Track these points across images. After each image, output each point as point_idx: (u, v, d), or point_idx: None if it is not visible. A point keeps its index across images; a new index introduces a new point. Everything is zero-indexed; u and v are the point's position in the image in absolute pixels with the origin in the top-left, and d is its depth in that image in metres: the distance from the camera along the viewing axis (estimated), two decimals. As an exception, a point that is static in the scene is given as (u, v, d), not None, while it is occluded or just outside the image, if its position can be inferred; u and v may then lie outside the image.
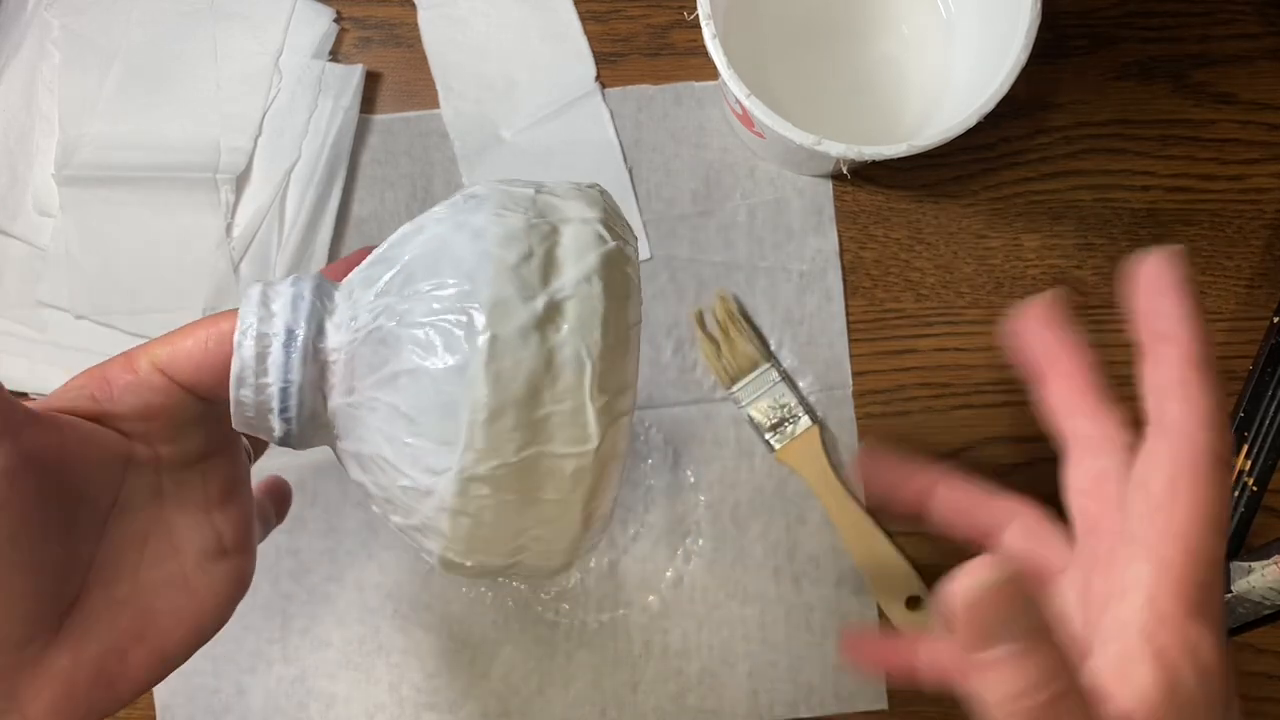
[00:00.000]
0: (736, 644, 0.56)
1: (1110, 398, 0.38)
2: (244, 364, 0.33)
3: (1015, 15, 0.49)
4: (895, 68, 0.56)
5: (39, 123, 0.58)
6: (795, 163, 0.57)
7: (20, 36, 0.58)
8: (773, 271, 0.57)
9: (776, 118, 0.48)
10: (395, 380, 0.32)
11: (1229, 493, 0.33)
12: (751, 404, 0.56)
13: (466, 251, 0.32)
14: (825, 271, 0.57)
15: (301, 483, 0.57)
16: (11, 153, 0.58)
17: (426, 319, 0.32)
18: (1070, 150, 0.58)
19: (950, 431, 0.57)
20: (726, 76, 0.48)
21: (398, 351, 0.32)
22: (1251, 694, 0.56)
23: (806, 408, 0.56)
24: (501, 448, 0.31)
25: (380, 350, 0.32)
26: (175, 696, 0.56)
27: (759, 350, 0.56)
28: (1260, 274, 0.57)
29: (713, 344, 0.56)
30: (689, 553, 0.56)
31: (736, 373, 0.56)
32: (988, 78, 0.49)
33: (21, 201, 0.57)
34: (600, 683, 0.56)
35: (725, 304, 0.56)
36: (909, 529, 0.56)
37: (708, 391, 0.57)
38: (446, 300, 0.32)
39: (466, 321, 0.31)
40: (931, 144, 0.48)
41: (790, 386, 0.56)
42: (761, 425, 0.56)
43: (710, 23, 0.48)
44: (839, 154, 0.48)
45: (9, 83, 0.58)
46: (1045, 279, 0.57)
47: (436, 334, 0.32)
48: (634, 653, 0.56)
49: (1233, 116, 0.57)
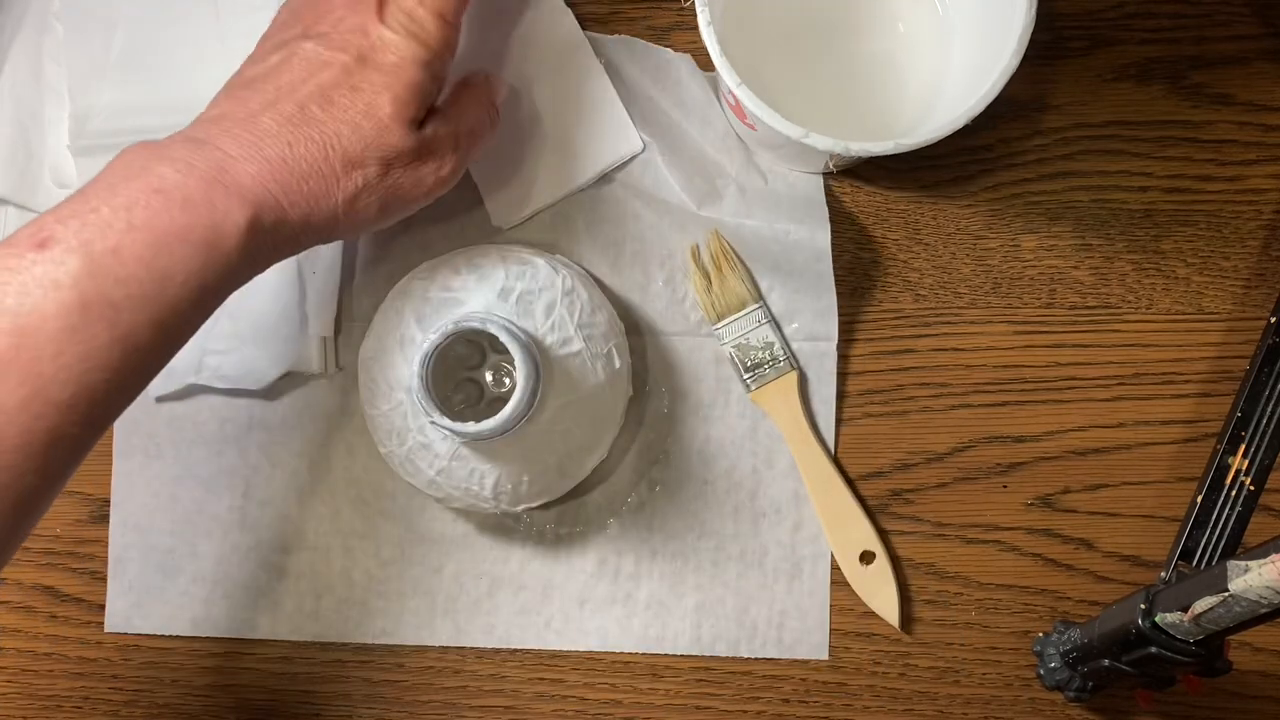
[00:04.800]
0: (687, 576, 0.57)
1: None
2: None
3: (1010, 17, 0.49)
4: (892, 66, 0.56)
5: (49, 95, 0.57)
6: (788, 157, 0.57)
7: (22, 12, 0.58)
8: (763, 230, 0.57)
9: (766, 108, 0.48)
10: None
11: None
12: (734, 341, 0.56)
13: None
14: (815, 235, 0.56)
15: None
16: (25, 129, 0.57)
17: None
18: (1068, 151, 0.58)
19: (948, 432, 0.57)
20: (719, 64, 0.48)
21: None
22: (1248, 693, 0.56)
23: (789, 353, 0.56)
24: None
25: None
26: (129, 551, 0.57)
27: (749, 290, 0.56)
28: (1257, 274, 0.57)
29: (704, 277, 0.56)
30: (654, 481, 0.57)
31: (724, 309, 0.56)
32: (982, 78, 0.49)
33: (39, 175, 0.58)
34: (550, 593, 0.57)
35: (720, 240, 0.56)
36: (899, 526, 0.57)
37: (693, 326, 0.57)
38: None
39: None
40: (920, 143, 0.49)
41: (775, 330, 0.56)
42: (741, 364, 0.56)
43: (705, 10, 0.49)
44: (826, 147, 0.48)
45: (15, 59, 0.58)
46: (1043, 279, 0.57)
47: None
48: (586, 570, 0.57)
49: (1230, 117, 0.58)
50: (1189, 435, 0.57)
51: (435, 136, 0.48)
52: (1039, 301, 0.57)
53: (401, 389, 0.51)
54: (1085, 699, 0.53)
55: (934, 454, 0.57)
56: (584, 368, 0.51)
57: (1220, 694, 0.56)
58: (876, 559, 0.56)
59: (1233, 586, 0.41)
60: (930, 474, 0.57)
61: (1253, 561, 0.41)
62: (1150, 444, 0.57)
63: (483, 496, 0.52)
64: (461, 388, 0.54)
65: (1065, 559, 0.57)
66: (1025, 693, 0.56)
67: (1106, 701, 0.56)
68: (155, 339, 0.41)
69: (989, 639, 0.57)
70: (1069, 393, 0.57)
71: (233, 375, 0.56)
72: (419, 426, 0.50)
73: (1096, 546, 0.57)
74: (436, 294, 0.51)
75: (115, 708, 0.57)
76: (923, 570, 0.57)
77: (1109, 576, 0.57)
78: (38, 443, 0.39)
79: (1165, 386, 0.57)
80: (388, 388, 0.51)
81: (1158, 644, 0.46)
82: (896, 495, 0.57)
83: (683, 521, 0.57)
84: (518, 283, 0.51)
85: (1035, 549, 0.57)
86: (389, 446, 0.52)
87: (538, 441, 0.51)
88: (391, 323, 0.52)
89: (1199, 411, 0.57)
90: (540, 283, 0.51)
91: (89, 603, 0.57)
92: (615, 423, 0.55)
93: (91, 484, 0.57)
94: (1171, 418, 0.57)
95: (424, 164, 0.48)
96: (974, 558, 0.57)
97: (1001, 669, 0.56)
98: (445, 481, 0.52)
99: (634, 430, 0.57)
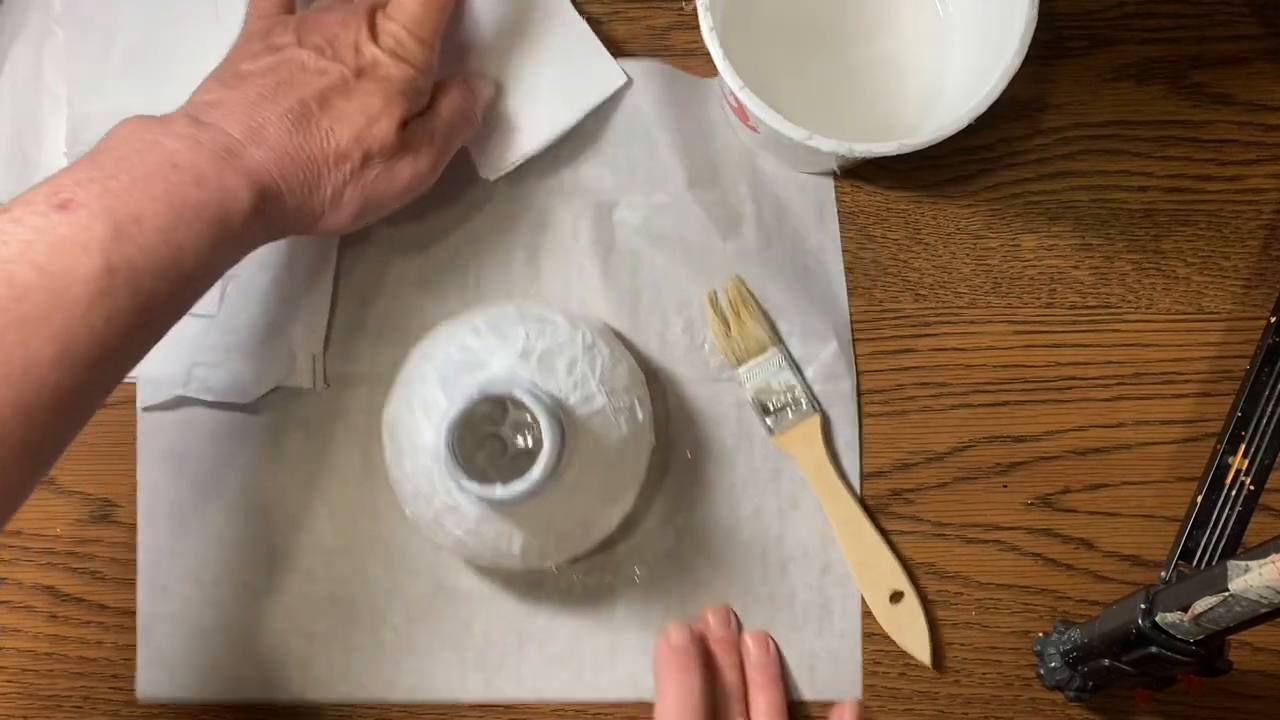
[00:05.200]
0: None
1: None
2: None
3: (1011, 19, 0.49)
4: (893, 67, 0.56)
5: (47, 101, 0.57)
6: (792, 159, 0.57)
7: (22, 17, 0.58)
8: (780, 261, 0.57)
9: (769, 110, 0.48)
10: None
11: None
12: (755, 386, 0.56)
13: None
14: (827, 265, 0.57)
15: (305, 420, 0.57)
16: (22, 133, 0.57)
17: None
18: (1068, 151, 0.58)
19: (948, 431, 0.57)
20: (722, 68, 0.48)
21: None
22: (1248, 693, 0.56)
23: (810, 396, 0.56)
24: None
25: None
26: (158, 619, 0.56)
27: (768, 334, 0.56)
28: (1257, 274, 0.57)
29: (723, 323, 0.56)
30: (680, 528, 0.56)
31: (744, 354, 0.56)
32: (984, 79, 0.49)
33: (34, 180, 0.57)
34: (579, 643, 0.56)
35: (739, 286, 0.56)
36: (899, 525, 0.57)
37: (714, 371, 0.57)
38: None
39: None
40: (923, 143, 0.49)
41: (796, 373, 0.56)
42: (763, 408, 0.56)
43: (708, 14, 0.49)
44: (830, 149, 0.48)
45: (14, 63, 0.57)
46: (1043, 279, 0.57)
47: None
48: (615, 621, 0.56)
49: (1230, 117, 0.58)
50: (1189, 435, 0.57)
51: (413, 135, 0.50)
52: (1039, 301, 0.57)
53: (427, 454, 0.50)
54: (1085, 699, 0.53)
55: (934, 454, 0.57)
56: (608, 424, 0.51)
57: (1220, 694, 0.56)
58: (905, 597, 0.55)
59: (1233, 586, 0.41)
60: (930, 474, 0.57)
61: (1253, 561, 0.41)
62: (1150, 444, 0.57)
63: (511, 555, 0.51)
64: (484, 443, 0.54)
65: (1065, 559, 0.57)
66: (1025, 693, 0.56)
67: (1106, 701, 0.56)
68: (168, 307, 0.44)
69: (989, 639, 0.56)
70: (1069, 393, 0.57)
71: (220, 388, 0.56)
72: (445, 490, 0.49)
73: (1096, 546, 0.57)
74: (458, 356, 0.51)
75: (115, 708, 0.57)
76: (923, 570, 0.57)
77: (1109, 576, 0.57)
78: (66, 399, 0.41)
79: (1165, 386, 0.57)
80: (413, 451, 0.51)
81: (1158, 644, 0.46)
82: (896, 495, 0.57)
83: (710, 568, 0.56)
84: (538, 341, 0.51)
85: (1035, 549, 0.57)
86: (415, 509, 0.52)
87: (565, 499, 0.50)
88: (415, 387, 0.51)
89: (1199, 411, 0.57)
90: (560, 340, 0.51)
91: (89, 603, 0.57)
92: (640, 475, 0.54)
93: (91, 484, 0.57)
94: (1171, 418, 0.57)
95: (401, 159, 0.50)
96: (974, 558, 0.57)
97: (1001, 669, 0.56)
98: (473, 542, 0.51)
99: (658, 478, 0.56)
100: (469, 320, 0.53)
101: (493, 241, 0.57)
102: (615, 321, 0.57)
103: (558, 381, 0.50)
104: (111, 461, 0.57)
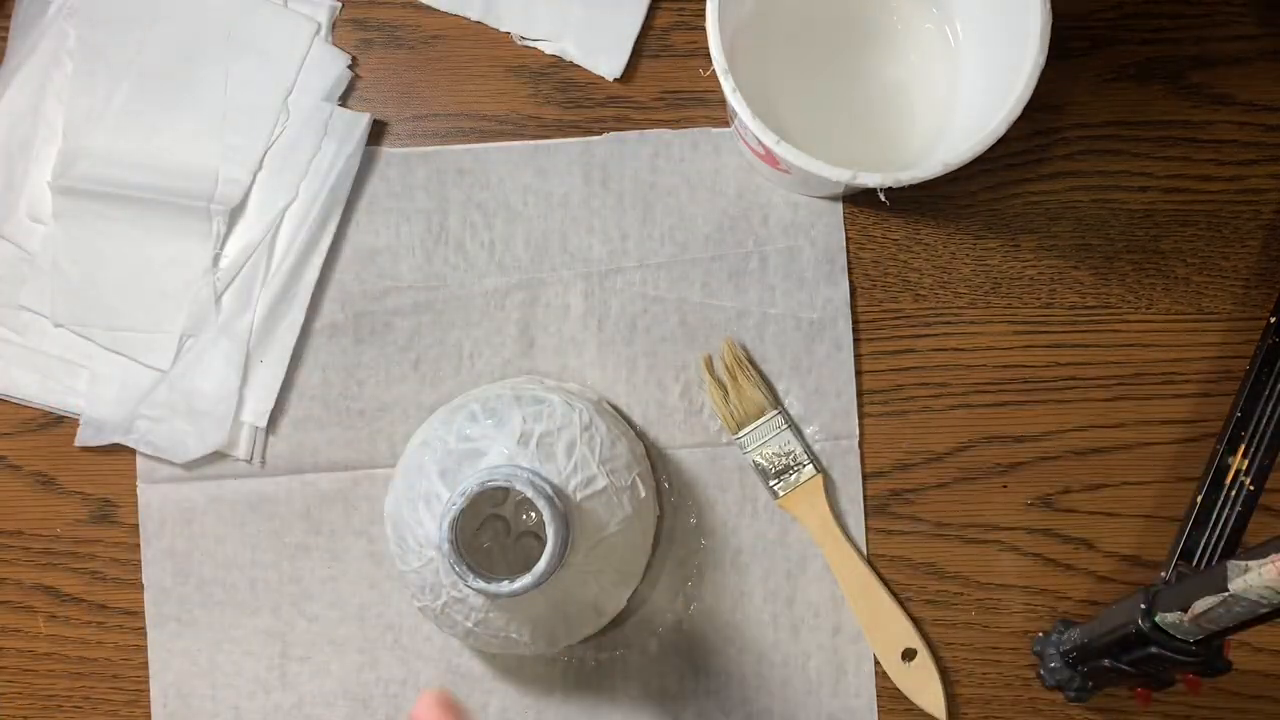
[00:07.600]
0: (732, 690, 0.56)
1: None
2: None
3: (1023, 40, 0.49)
4: (902, 94, 0.56)
5: (43, 128, 0.58)
6: (805, 187, 0.57)
7: (36, 41, 0.58)
8: (783, 319, 0.57)
9: (807, 158, 0.47)
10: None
11: None
12: (756, 450, 0.56)
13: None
14: (835, 320, 0.57)
15: (306, 510, 0.57)
16: (11, 155, 0.58)
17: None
18: (1068, 151, 0.58)
19: (948, 431, 0.57)
20: (754, 126, 0.47)
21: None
22: (1248, 693, 0.56)
23: (811, 456, 0.56)
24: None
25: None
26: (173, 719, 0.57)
27: (766, 397, 0.56)
28: (1257, 274, 0.57)
29: (720, 389, 0.56)
30: (689, 597, 0.56)
31: (743, 419, 0.56)
32: (996, 101, 0.49)
33: (15, 205, 0.58)
34: (596, 719, 0.56)
35: (734, 350, 0.56)
36: (899, 525, 0.57)
37: (713, 436, 0.57)
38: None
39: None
40: (964, 160, 0.48)
41: (796, 434, 0.56)
42: (765, 472, 0.56)
43: (729, 77, 0.48)
44: (876, 184, 0.48)
45: (19, 86, 0.58)
46: (1043, 279, 0.57)
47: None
48: (631, 694, 0.56)
49: (1230, 117, 0.58)
50: (1189, 435, 0.57)
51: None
52: (1039, 301, 0.57)
53: (431, 546, 0.50)
54: (1085, 699, 0.53)
55: (934, 454, 0.57)
56: (611, 503, 0.50)
57: (1220, 694, 0.56)
58: (919, 655, 0.55)
59: (1233, 586, 0.41)
60: (930, 474, 0.57)
61: (1253, 561, 0.41)
62: (1150, 444, 0.57)
63: (522, 643, 0.51)
64: (488, 525, 0.54)
65: (1065, 559, 0.57)
66: (1025, 693, 0.56)
67: (1106, 701, 0.56)
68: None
69: (989, 639, 0.57)
70: (1069, 393, 0.57)
71: (159, 445, 0.56)
72: (452, 582, 0.49)
73: (1096, 546, 0.57)
74: (456, 445, 0.51)
75: (115, 708, 0.57)
76: (923, 570, 0.57)
77: (1109, 576, 0.57)
78: None
79: (1165, 386, 0.57)
80: (417, 545, 0.50)
81: (1158, 644, 0.46)
82: (896, 495, 0.57)
83: (722, 635, 0.56)
84: (536, 425, 0.50)
85: (1035, 549, 0.57)
86: (423, 601, 0.52)
87: (572, 585, 0.50)
88: (414, 478, 0.51)
89: (1199, 411, 0.57)
90: (558, 422, 0.51)
91: (89, 603, 0.57)
92: (646, 550, 0.54)
93: (91, 484, 0.57)
94: (1171, 418, 0.57)
95: None
96: (974, 558, 0.57)
97: (1001, 669, 0.56)
98: (483, 631, 0.51)
99: (665, 548, 0.56)
100: (465, 405, 0.52)
101: (484, 320, 0.57)
102: (612, 391, 0.57)
103: (558, 466, 0.50)
104: (111, 461, 0.57)
